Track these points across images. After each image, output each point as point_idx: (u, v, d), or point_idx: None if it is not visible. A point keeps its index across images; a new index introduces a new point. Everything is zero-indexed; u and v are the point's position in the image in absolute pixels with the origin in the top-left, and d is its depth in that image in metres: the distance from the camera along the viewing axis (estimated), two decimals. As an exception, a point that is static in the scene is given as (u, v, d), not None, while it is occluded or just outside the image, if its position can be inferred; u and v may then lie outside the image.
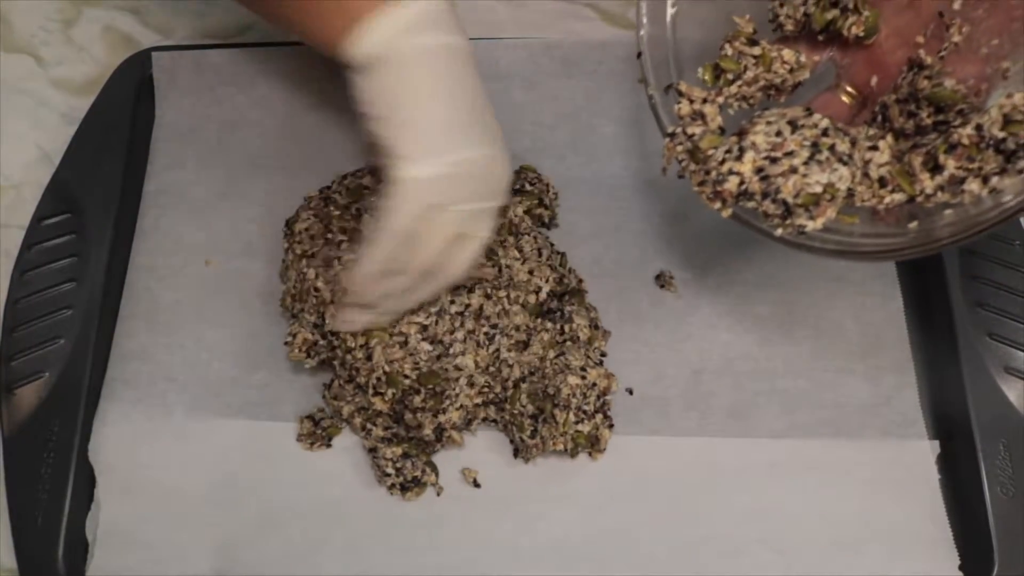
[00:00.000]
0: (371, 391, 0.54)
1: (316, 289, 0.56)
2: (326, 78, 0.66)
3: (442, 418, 0.53)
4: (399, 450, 0.54)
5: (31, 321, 0.57)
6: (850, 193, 0.47)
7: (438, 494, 0.54)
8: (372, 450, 0.54)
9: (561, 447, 0.53)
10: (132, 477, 0.54)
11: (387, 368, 0.53)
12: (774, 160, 0.46)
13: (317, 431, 0.55)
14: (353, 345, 0.55)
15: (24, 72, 0.69)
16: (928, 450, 0.54)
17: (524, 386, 0.54)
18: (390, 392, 0.54)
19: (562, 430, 0.53)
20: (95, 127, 0.64)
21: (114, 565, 0.52)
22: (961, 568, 0.51)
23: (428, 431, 0.54)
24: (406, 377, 0.53)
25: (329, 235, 0.58)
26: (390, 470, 0.53)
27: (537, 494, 0.54)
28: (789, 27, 0.52)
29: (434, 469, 0.54)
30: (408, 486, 0.53)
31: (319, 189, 0.61)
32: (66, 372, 0.56)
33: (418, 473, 0.53)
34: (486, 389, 0.54)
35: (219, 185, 0.63)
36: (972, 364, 0.55)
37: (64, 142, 0.63)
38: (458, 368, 0.54)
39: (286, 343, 0.56)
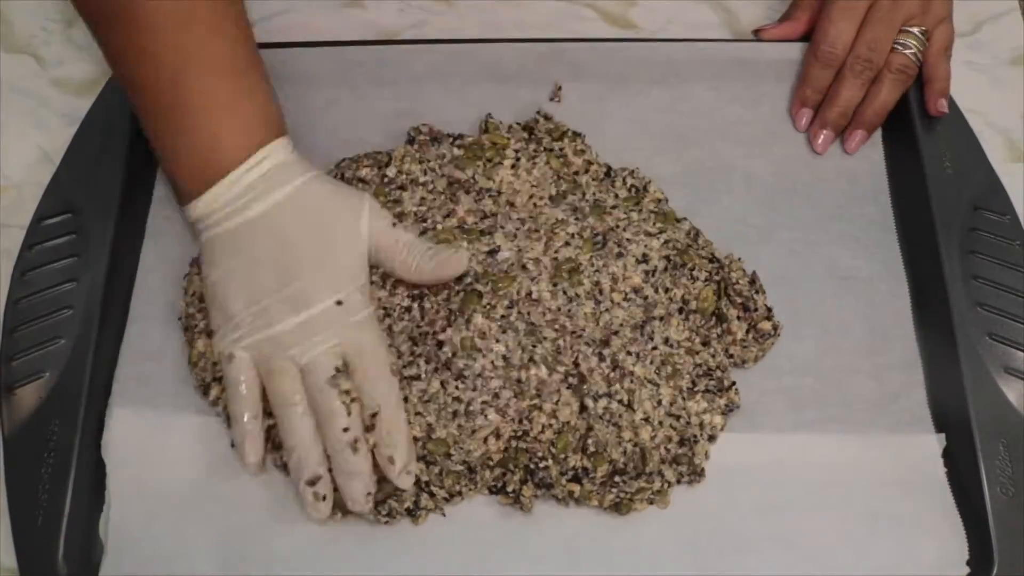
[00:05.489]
0: None
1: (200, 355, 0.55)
2: (329, 78, 0.66)
3: (446, 508, 0.52)
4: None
5: (31, 321, 0.57)
6: None
7: (443, 515, 0.52)
8: None
9: (597, 503, 0.52)
10: (143, 475, 0.54)
11: None
12: None
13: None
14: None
15: (24, 72, 0.69)
16: (936, 445, 0.54)
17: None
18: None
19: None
20: (95, 127, 0.64)
21: (125, 564, 0.52)
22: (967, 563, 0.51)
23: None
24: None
25: None
26: (372, 517, 0.52)
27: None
28: None
29: (431, 494, 0.52)
30: (417, 512, 0.52)
31: None
32: (66, 372, 0.56)
33: (409, 505, 0.52)
34: (514, 433, 0.52)
35: None
36: (972, 364, 0.55)
37: (64, 142, 0.63)
38: (475, 431, 0.52)
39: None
